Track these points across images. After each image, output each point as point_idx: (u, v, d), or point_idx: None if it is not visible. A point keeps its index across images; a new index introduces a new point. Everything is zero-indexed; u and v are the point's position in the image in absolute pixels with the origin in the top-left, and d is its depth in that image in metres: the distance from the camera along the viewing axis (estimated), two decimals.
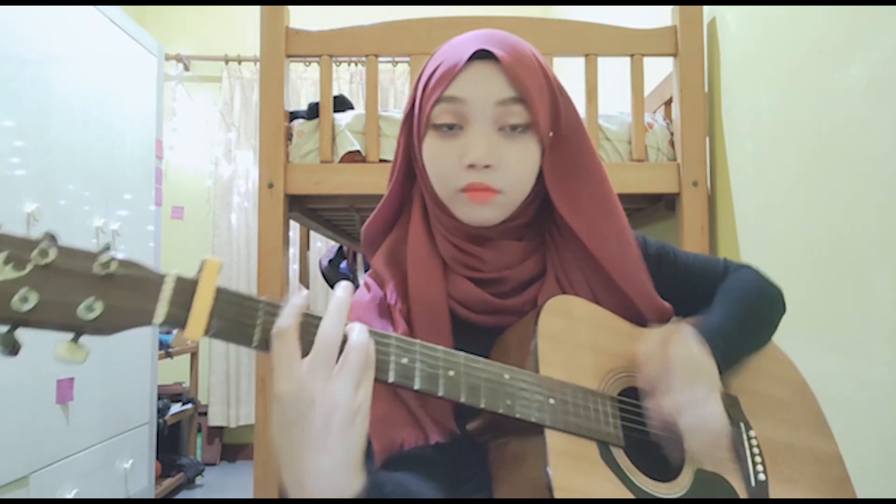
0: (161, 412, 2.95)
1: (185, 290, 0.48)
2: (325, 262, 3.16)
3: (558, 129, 0.71)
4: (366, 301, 0.75)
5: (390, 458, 0.66)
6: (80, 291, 0.45)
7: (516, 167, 0.68)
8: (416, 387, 0.54)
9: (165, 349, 3.01)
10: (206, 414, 3.72)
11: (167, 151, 3.77)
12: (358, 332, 0.51)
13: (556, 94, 0.71)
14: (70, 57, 1.96)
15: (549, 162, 0.71)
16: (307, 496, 0.48)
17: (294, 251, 3.44)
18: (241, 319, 0.50)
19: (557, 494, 0.56)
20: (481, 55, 0.66)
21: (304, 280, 2.88)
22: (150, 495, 2.41)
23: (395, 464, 0.66)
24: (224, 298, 0.49)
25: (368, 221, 0.79)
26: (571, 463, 0.59)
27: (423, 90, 0.70)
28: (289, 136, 1.72)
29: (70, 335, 0.46)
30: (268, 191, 1.65)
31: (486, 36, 0.68)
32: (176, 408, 3.23)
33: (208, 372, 3.76)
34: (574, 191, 0.73)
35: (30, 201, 1.75)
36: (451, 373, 0.56)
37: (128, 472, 2.22)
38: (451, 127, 0.68)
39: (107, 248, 0.47)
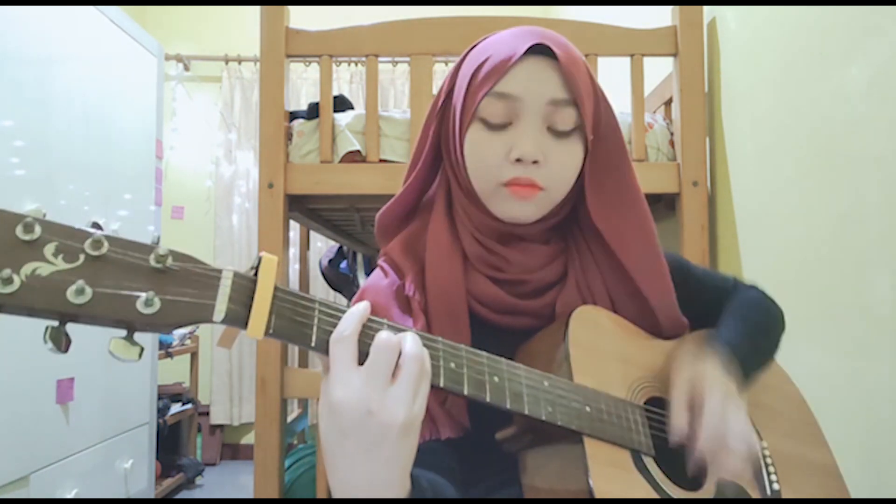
0: (161, 412, 2.95)
1: (244, 287, 0.47)
2: (325, 262, 3.16)
3: (598, 132, 0.71)
4: (383, 286, 0.74)
5: None
6: (136, 285, 0.43)
7: (561, 166, 0.68)
8: (466, 392, 0.54)
9: (165, 349, 3.01)
10: (206, 413, 3.72)
11: (167, 151, 3.78)
12: (412, 342, 0.49)
13: (600, 98, 0.71)
14: (70, 57, 1.96)
15: (589, 164, 0.71)
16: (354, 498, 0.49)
17: (294, 251, 3.44)
18: (299, 319, 0.49)
19: None
20: (535, 50, 0.66)
21: (304, 280, 2.88)
22: (150, 495, 2.41)
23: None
24: (281, 297, 0.48)
25: (385, 210, 0.78)
26: (610, 471, 0.59)
27: (470, 81, 0.68)
28: (289, 136, 1.72)
29: (121, 331, 0.44)
30: (268, 191, 1.65)
31: (539, 32, 0.68)
32: (176, 408, 3.23)
33: (210, 370, 3.76)
34: (608, 196, 0.73)
35: (30, 201, 1.75)
36: (496, 378, 0.56)
37: (128, 472, 2.22)
38: (498, 123, 0.67)
39: (157, 240, 0.46)
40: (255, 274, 0.48)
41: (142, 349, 0.44)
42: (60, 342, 0.42)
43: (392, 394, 0.47)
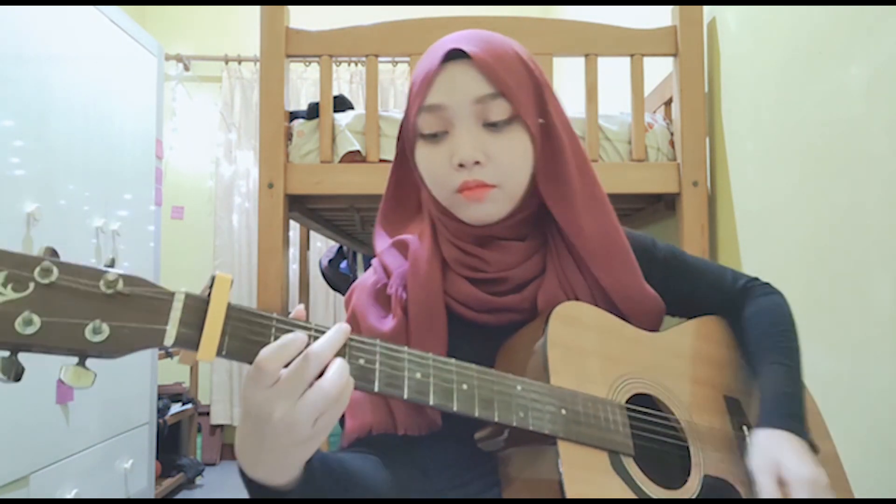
0: (161, 412, 2.95)
1: (196, 309, 0.47)
2: (325, 262, 3.16)
3: (547, 116, 0.71)
4: (368, 285, 0.77)
5: (358, 439, 0.69)
6: (85, 313, 0.43)
7: (506, 159, 0.68)
8: (431, 402, 0.54)
9: (166, 349, 3.00)
10: (206, 413, 3.72)
11: (167, 151, 3.77)
12: (334, 374, 0.49)
13: (541, 85, 0.70)
14: (70, 57, 1.96)
15: (540, 151, 0.71)
16: (245, 471, 0.52)
17: (294, 251, 3.44)
18: (254, 338, 0.49)
19: None
20: (454, 56, 0.67)
21: (305, 280, 2.88)
22: (150, 495, 2.41)
23: (363, 445, 0.69)
24: (235, 316, 0.48)
25: (379, 219, 0.81)
26: (584, 474, 0.59)
27: (407, 102, 0.71)
28: (289, 136, 1.72)
29: (75, 359, 0.44)
30: (268, 191, 1.65)
31: (460, 36, 0.69)
32: (176, 408, 3.22)
33: (210, 369, 3.76)
34: (561, 183, 0.72)
35: (30, 201, 1.75)
36: (465, 386, 0.56)
37: (128, 472, 2.22)
38: (436, 135, 0.69)
39: (111, 263, 0.45)
40: (209, 295, 0.47)
41: (94, 375, 0.44)
42: (11, 372, 0.42)
43: (293, 411, 0.47)
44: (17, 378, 0.42)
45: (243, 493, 0.54)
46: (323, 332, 0.51)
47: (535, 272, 0.74)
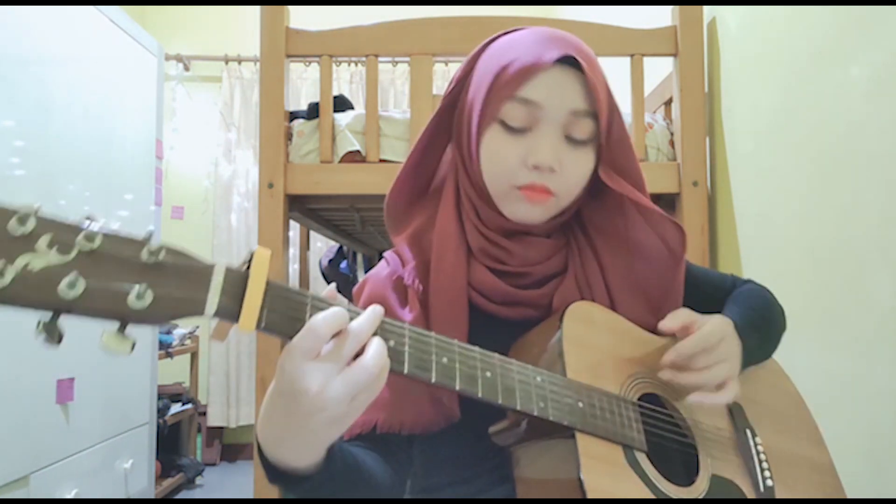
0: (161, 412, 2.95)
1: (236, 281, 0.47)
2: (325, 262, 3.17)
3: (610, 134, 0.72)
4: (383, 276, 0.76)
5: (360, 434, 0.69)
6: (129, 279, 0.43)
7: (574, 174, 0.70)
8: (457, 387, 0.55)
9: (165, 349, 3.01)
10: (205, 414, 3.72)
11: (167, 151, 3.77)
12: (374, 351, 0.49)
13: (613, 106, 0.72)
14: (70, 57, 1.96)
15: (601, 168, 0.73)
16: (266, 452, 0.53)
17: (294, 251, 3.44)
18: (291, 313, 0.49)
19: (591, 497, 0.57)
20: (561, 59, 0.66)
21: (305, 280, 2.88)
22: (150, 495, 2.41)
23: (365, 440, 0.69)
24: (274, 291, 0.48)
25: (390, 192, 0.78)
26: (601, 466, 0.60)
27: (493, 82, 0.68)
28: (289, 136, 1.72)
29: (115, 324, 0.43)
30: (268, 191, 1.65)
31: (563, 40, 0.68)
32: (176, 408, 3.22)
33: (208, 372, 3.76)
34: (612, 196, 0.75)
35: (30, 201, 1.75)
36: (489, 374, 0.57)
37: (128, 472, 2.22)
38: (517, 129, 0.68)
39: (150, 235, 0.45)
40: (248, 268, 0.48)
41: (134, 342, 0.43)
42: (53, 335, 0.41)
43: (333, 385, 0.47)
44: (58, 342, 0.42)
45: (243, 493, 0.54)
46: (357, 314, 0.51)
47: (556, 270, 0.74)
